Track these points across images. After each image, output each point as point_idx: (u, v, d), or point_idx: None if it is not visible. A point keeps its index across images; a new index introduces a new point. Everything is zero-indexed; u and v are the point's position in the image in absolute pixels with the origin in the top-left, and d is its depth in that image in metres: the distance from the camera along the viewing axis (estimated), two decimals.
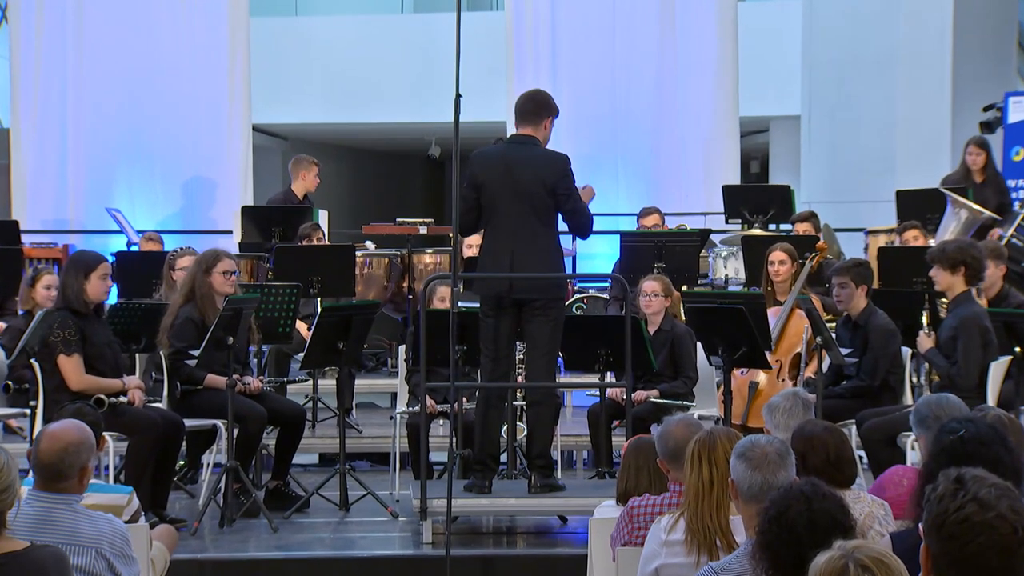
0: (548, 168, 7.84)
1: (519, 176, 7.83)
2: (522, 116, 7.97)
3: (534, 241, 7.82)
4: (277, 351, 10.52)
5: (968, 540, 3.00)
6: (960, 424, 4.37)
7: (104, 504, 5.29)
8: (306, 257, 10.99)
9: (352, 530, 8.42)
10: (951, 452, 4.24)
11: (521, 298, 7.84)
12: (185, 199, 14.70)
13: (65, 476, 4.62)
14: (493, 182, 7.86)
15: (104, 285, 8.09)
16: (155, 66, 14.60)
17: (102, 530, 4.61)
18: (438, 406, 9.09)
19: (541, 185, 7.80)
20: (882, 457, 8.02)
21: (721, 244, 12.37)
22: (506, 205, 7.83)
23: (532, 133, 7.93)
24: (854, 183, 16.85)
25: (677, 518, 4.72)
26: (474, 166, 7.97)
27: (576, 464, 10.56)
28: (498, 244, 7.87)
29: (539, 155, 7.90)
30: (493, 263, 7.89)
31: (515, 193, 7.82)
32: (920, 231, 11.27)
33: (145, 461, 7.98)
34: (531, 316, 7.85)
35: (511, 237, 7.82)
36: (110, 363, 8.15)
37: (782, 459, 4.28)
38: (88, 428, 4.75)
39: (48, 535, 4.49)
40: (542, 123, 7.95)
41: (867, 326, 8.83)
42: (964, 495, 3.02)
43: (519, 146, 7.93)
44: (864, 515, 4.97)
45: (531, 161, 7.85)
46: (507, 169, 7.86)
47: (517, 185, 7.82)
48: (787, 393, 5.93)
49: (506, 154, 7.97)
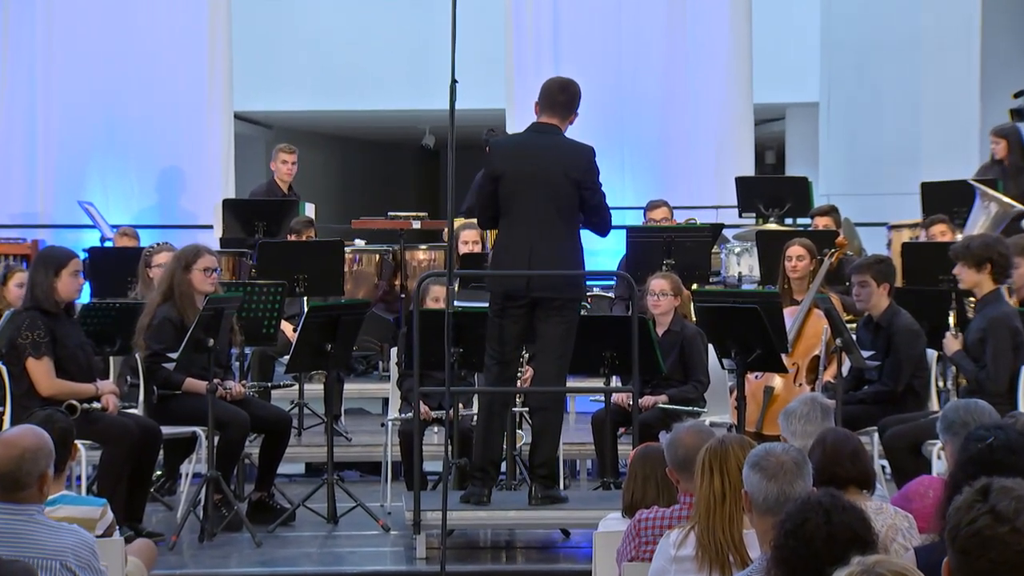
0: (575, 160, 7.83)
1: (542, 167, 7.81)
2: (552, 105, 7.92)
3: (555, 237, 7.81)
4: (261, 354, 10.53)
5: (979, 555, 2.98)
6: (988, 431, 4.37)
7: (76, 517, 5.30)
8: (291, 253, 10.99)
9: (341, 545, 8.43)
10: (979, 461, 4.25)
11: (537, 296, 7.82)
12: (162, 191, 14.70)
13: (24, 485, 4.61)
14: (514, 173, 7.84)
15: (76, 283, 8.09)
16: (130, 49, 14.59)
17: (67, 542, 4.60)
18: (432, 412, 9.09)
19: (566, 177, 7.79)
20: (906, 467, 8.03)
21: (734, 239, 12.38)
22: (527, 198, 7.80)
23: (557, 123, 7.91)
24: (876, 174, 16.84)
25: (687, 532, 4.72)
26: (494, 156, 7.95)
27: (579, 474, 10.57)
28: (516, 239, 7.85)
29: (564, 145, 7.89)
30: (510, 259, 7.86)
31: (537, 185, 7.80)
32: (947, 226, 11.27)
33: (120, 471, 7.98)
34: (546, 316, 7.83)
35: (530, 232, 7.80)
36: (82, 366, 8.15)
37: (799, 468, 4.28)
38: (46, 433, 4.75)
39: (10, 548, 4.48)
40: (569, 117, 7.94)
41: (890, 327, 8.84)
42: (982, 507, 3.02)
43: (542, 135, 7.91)
44: (886, 528, 4.98)
45: (555, 151, 7.84)
46: (530, 159, 7.84)
47: (540, 177, 7.80)
48: (805, 398, 5.94)
49: (528, 143, 7.96)
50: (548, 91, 7.95)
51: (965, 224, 11.40)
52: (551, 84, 8.00)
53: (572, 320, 7.89)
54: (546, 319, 7.83)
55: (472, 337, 8.26)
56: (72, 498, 5.77)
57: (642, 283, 9.48)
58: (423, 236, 12.40)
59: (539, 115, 7.95)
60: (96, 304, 9.17)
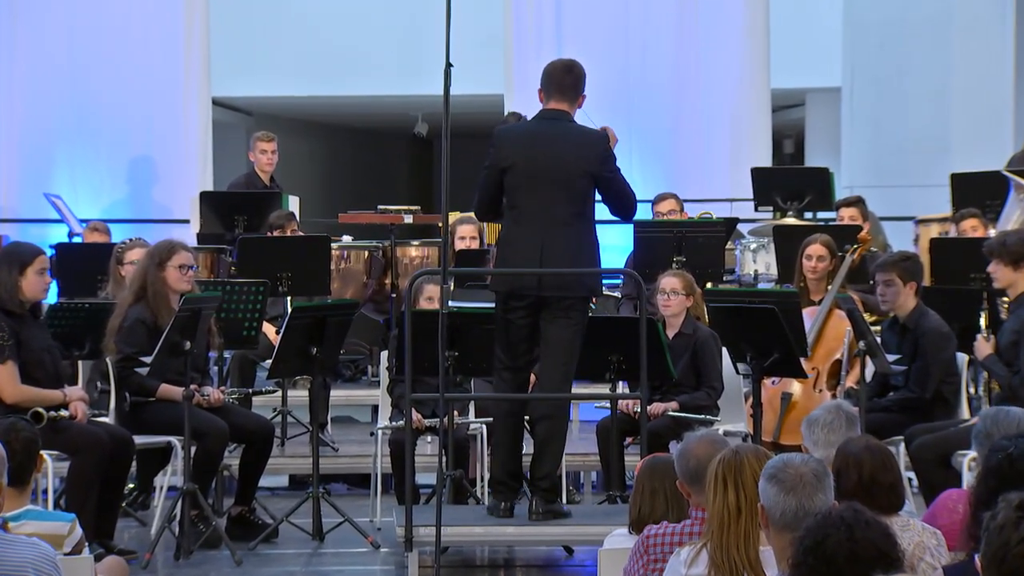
0: (587, 149, 7.83)
1: (553, 157, 7.81)
2: (558, 89, 7.92)
3: (568, 232, 7.81)
4: (241, 358, 10.54)
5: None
6: (1011, 441, 4.37)
7: (43, 533, 5.31)
8: (274, 250, 11.00)
9: (327, 563, 8.45)
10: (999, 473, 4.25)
11: (546, 295, 7.81)
12: (135, 183, 14.70)
13: None
14: (522, 163, 7.84)
15: (42, 282, 8.10)
16: (101, 32, 14.58)
17: (27, 556, 4.60)
18: (425, 421, 9.10)
19: (578, 168, 7.80)
20: (935, 479, 8.05)
21: (750, 235, 12.38)
22: (535, 190, 7.81)
23: (567, 109, 7.92)
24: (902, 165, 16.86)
25: (699, 549, 4.73)
26: (499, 145, 7.95)
27: (584, 487, 10.59)
28: (525, 234, 7.85)
29: (575, 133, 7.89)
30: (518, 256, 7.86)
31: (549, 178, 7.81)
32: (979, 220, 11.28)
33: (90, 484, 7.99)
34: (552, 317, 7.82)
35: (540, 227, 7.80)
36: (49, 371, 8.16)
37: (819, 481, 4.28)
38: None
39: None
40: (577, 99, 7.95)
41: (917, 329, 8.85)
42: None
43: (552, 123, 7.91)
44: (913, 545, 4.98)
45: (566, 140, 7.85)
46: (539, 149, 7.85)
47: (550, 167, 7.81)
48: (830, 406, 5.95)
49: (537, 132, 7.96)
50: (552, 74, 7.95)
51: (998, 218, 11.40)
52: (555, 67, 8.00)
53: (580, 322, 7.88)
54: (552, 320, 7.82)
55: (468, 340, 8.26)
56: (38, 513, 5.78)
57: (651, 281, 9.49)
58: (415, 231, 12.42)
59: (545, 102, 7.95)
60: (64, 304, 9.18)
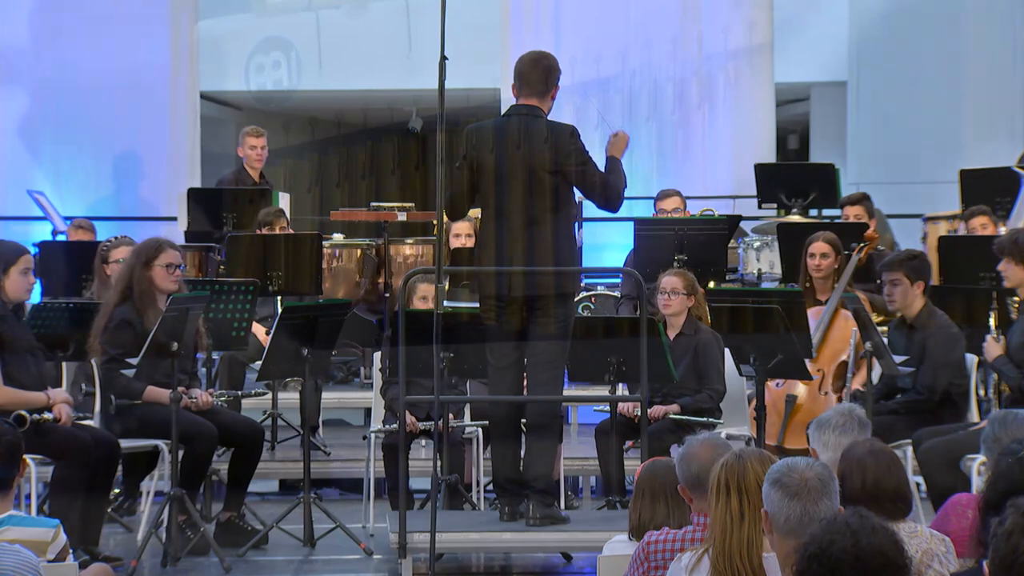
0: (555, 142, 7.87)
1: (523, 153, 7.85)
2: (527, 84, 7.98)
3: (541, 229, 7.83)
4: (230, 359, 10.53)
5: None
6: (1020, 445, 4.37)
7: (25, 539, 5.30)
8: (264, 248, 11.00)
9: (319, 569, 8.45)
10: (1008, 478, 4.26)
11: (522, 295, 7.83)
12: (120, 180, 14.70)
13: None
14: (491, 161, 7.87)
15: (26, 282, 8.10)
16: (85, 24, 14.59)
17: (7, 563, 4.60)
18: (419, 424, 9.11)
19: (548, 163, 7.83)
20: (943, 483, 8.05)
21: (753, 233, 12.39)
22: (507, 187, 7.84)
23: (537, 104, 7.95)
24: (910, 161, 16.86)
25: (700, 555, 4.73)
26: (469, 142, 7.98)
27: (582, 492, 10.59)
28: (497, 233, 7.88)
29: (544, 128, 7.93)
30: (490, 256, 7.88)
31: (518, 173, 7.85)
32: (989, 217, 11.29)
33: (74, 489, 7.98)
34: (533, 318, 7.86)
35: (513, 225, 7.83)
36: (32, 373, 8.15)
37: (824, 486, 4.29)
38: None
39: None
40: (549, 93, 7.98)
41: (925, 330, 8.85)
42: None
43: (521, 118, 7.96)
44: (921, 552, 4.99)
45: (536, 135, 7.89)
46: (508, 145, 7.88)
47: (520, 164, 7.85)
48: (841, 409, 5.95)
49: (507, 128, 7.99)
50: (521, 70, 8.03)
51: (1009, 216, 11.42)
52: (522, 61, 8.08)
53: (564, 319, 7.90)
54: (534, 320, 7.86)
55: (463, 341, 8.26)
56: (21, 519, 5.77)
57: (652, 281, 9.50)
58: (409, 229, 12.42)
59: (517, 97, 8.03)
60: (48, 304, 9.18)
